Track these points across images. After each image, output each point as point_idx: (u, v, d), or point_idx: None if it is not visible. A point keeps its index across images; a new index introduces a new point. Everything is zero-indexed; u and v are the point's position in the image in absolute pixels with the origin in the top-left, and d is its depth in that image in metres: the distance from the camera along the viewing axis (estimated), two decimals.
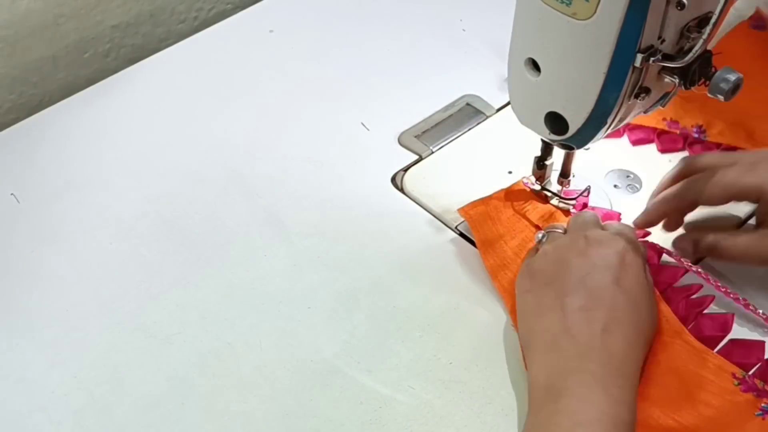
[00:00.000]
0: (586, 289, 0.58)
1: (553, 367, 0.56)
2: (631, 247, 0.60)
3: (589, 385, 0.53)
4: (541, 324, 0.59)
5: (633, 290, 0.58)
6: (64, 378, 0.63)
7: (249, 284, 0.68)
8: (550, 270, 0.60)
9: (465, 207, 0.72)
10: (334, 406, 0.61)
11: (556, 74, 0.61)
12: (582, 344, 0.56)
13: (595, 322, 0.56)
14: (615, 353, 0.55)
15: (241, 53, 0.89)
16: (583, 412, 0.52)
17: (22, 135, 0.82)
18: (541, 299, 0.59)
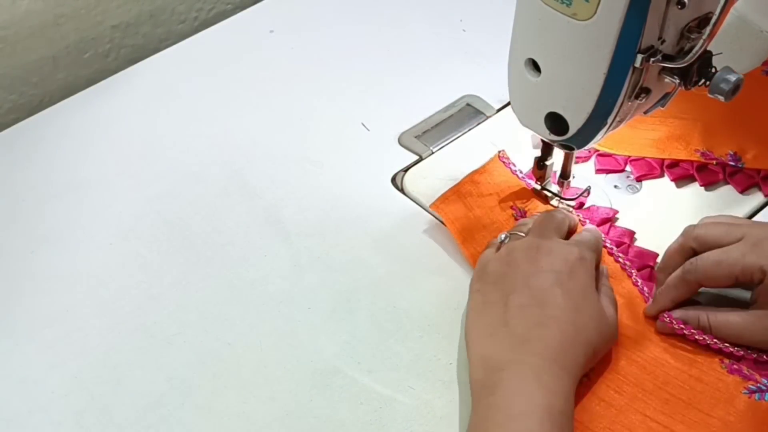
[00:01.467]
0: (529, 288, 0.60)
1: (489, 360, 0.57)
2: (581, 258, 0.62)
3: (523, 376, 0.55)
4: (483, 319, 0.60)
5: (574, 294, 0.59)
6: (64, 378, 0.63)
7: (249, 284, 0.68)
8: (500, 271, 0.62)
9: (436, 202, 0.73)
10: (334, 406, 0.61)
11: (557, 75, 0.61)
12: (517, 336, 0.57)
13: (533, 316, 0.58)
14: (550, 345, 0.56)
15: (241, 53, 0.89)
16: (516, 404, 0.53)
17: (22, 135, 0.82)
18: (486, 296, 0.61)
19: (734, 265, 0.59)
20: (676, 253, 0.64)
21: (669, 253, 0.64)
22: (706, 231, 0.62)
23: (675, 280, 0.62)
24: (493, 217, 0.72)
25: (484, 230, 0.71)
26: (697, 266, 0.61)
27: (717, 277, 0.60)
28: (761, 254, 0.59)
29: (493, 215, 0.72)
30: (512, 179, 0.74)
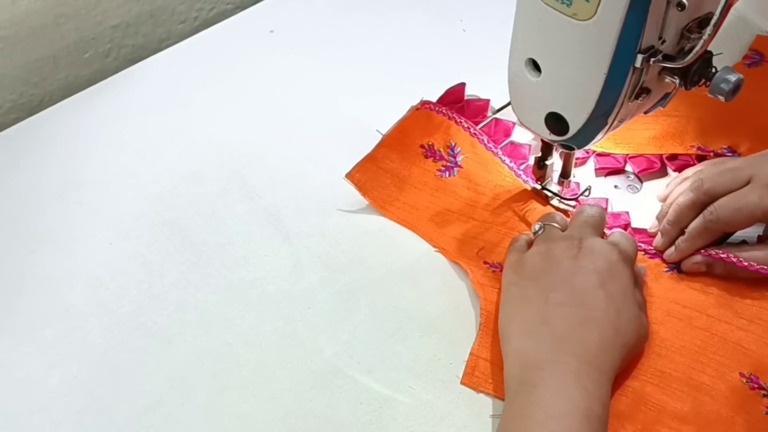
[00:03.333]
0: (571, 287, 0.59)
1: (527, 357, 0.57)
2: (622, 260, 0.62)
3: (564, 376, 0.55)
4: (521, 314, 0.60)
5: (616, 296, 0.59)
6: (64, 378, 0.63)
7: (249, 284, 0.68)
8: (539, 267, 0.62)
9: (351, 171, 0.74)
10: (334, 406, 0.61)
11: (557, 75, 0.61)
12: (558, 335, 0.57)
13: (574, 316, 0.58)
14: (590, 347, 0.56)
15: (241, 53, 0.89)
16: (556, 404, 0.53)
17: (23, 135, 0.82)
18: (525, 291, 0.61)
19: (755, 210, 0.63)
20: (688, 209, 0.66)
21: (681, 209, 0.66)
22: (716, 183, 0.65)
23: (698, 229, 0.65)
24: (411, 169, 0.74)
25: (404, 184, 0.74)
26: (719, 215, 0.64)
27: (739, 222, 0.64)
28: None
29: (411, 167, 0.75)
30: (426, 130, 0.76)
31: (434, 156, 0.75)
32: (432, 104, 0.76)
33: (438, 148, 0.75)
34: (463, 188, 0.74)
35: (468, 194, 0.73)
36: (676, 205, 0.67)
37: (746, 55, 0.84)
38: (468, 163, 0.75)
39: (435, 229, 0.71)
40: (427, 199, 0.73)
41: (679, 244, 0.66)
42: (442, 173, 0.75)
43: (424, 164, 0.75)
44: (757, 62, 0.83)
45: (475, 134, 0.75)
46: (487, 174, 0.74)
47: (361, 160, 0.74)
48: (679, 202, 0.67)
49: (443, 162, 0.75)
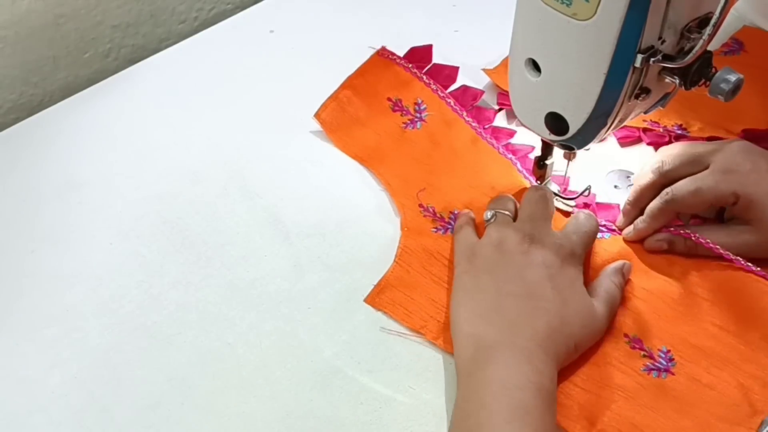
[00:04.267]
0: (522, 280, 0.62)
1: (480, 339, 0.60)
2: (571, 254, 0.64)
3: (515, 355, 0.58)
4: (473, 301, 0.62)
5: (563, 288, 0.62)
6: (64, 378, 0.63)
7: (249, 284, 0.68)
8: (492, 259, 0.64)
9: (318, 111, 0.79)
10: (334, 406, 0.61)
11: (557, 74, 0.61)
12: (509, 321, 0.60)
13: (523, 306, 0.61)
14: (539, 332, 0.59)
15: (241, 53, 0.89)
16: (510, 378, 0.56)
17: (22, 135, 0.82)
18: (477, 281, 0.63)
19: (709, 193, 0.66)
20: (647, 190, 0.69)
21: (641, 190, 0.69)
22: (675, 166, 0.68)
23: (655, 210, 0.68)
24: (377, 118, 0.79)
25: (368, 131, 0.79)
26: (675, 196, 0.67)
27: (694, 204, 0.67)
28: (732, 180, 0.65)
29: (377, 117, 0.79)
30: (394, 85, 0.81)
31: (401, 111, 0.80)
32: (392, 54, 0.82)
33: (406, 104, 0.80)
34: (423, 139, 0.78)
35: (426, 144, 0.78)
36: (636, 186, 0.70)
37: (726, 43, 0.85)
38: (432, 120, 0.79)
39: (387, 168, 0.76)
40: (389, 145, 0.78)
41: (637, 224, 0.69)
42: (407, 126, 0.79)
43: (391, 116, 0.80)
44: (734, 51, 0.84)
45: (443, 97, 0.80)
46: (449, 131, 0.78)
47: (327, 99, 0.80)
48: (639, 183, 0.70)
49: (409, 116, 0.80)
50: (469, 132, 0.78)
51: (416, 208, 0.73)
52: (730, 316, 0.64)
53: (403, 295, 0.67)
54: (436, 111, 0.80)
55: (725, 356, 0.62)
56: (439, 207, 0.73)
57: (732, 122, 0.77)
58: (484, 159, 0.76)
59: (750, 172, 0.65)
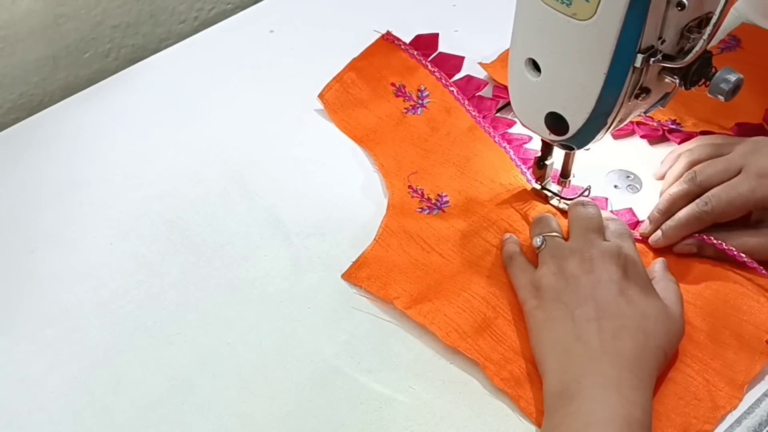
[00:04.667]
0: (595, 301, 0.60)
1: (565, 373, 0.57)
2: (632, 262, 0.62)
3: (602, 386, 0.55)
4: (552, 335, 0.60)
5: (638, 300, 0.60)
6: (64, 378, 0.63)
7: (249, 284, 0.68)
8: (558, 287, 0.62)
9: (322, 92, 0.81)
10: (334, 406, 0.61)
11: (557, 74, 0.61)
12: (593, 350, 0.57)
13: (605, 330, 0.58)
14: (626, 356, 0.57)
15: (241, 53, 0.89)
16: (595, 412, 0.54)
17: (22, 135, 0.82)
18: (550, 313, 0.61)
19: (747, 201, 0.65)
20: (681, 200, 0.68)
21: (674, 200, 0.68)
22: (708, 176, 0.67)
23: (689, 219, 0.66)
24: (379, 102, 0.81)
25: (370, 113, 0.80)
26: (713, 207, 0.65)
27: (731, 213, 0.66)
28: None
29: (379, 100, 0.81)
30: (399, 71, 0.82)
31: (404, 96, 0.81)
32: (397, 39, 0.83)
33: (409, 91, 0.81)
34: (422, 124, 0.80)
35: (424, 129, 0.79)
36: (669, 195, 0.68)
37: (723, 39, 0.85)
38: (433, 107, 0.80)
39: (383, 150, 0.77)
40: (388, 128, 0.79)
41: (666, 230, 0.68)
42: (408, 111, 0.80)
43: (393, 101, 0.81)
44: (731, 47, 0.84)
45: (446, 85, 0.81)
46: (448, 117, 0.79)
47: (331, 80, 0.81)
48: (672, 192, 0.68)
49: (411, 102, 0.81)
50: (467, 120, 0.79)
51: (405, 189, 0.74)
52: (705, 316, 0.64)
53: (379, 272, 0.68)
54: (438, 98, 0.81)
55: (695, 354, 0.62)
56: (428, 189, 0.74)
57: (725, 118, 0.77)
58: (479, 146, 0.77)
59: None
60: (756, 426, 0.59)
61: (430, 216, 0.72)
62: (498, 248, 0.69)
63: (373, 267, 0.68)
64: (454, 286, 0.66)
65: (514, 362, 0.62)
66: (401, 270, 0.68)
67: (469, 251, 0.69)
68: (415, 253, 0.69)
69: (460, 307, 0.65)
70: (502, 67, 0.82)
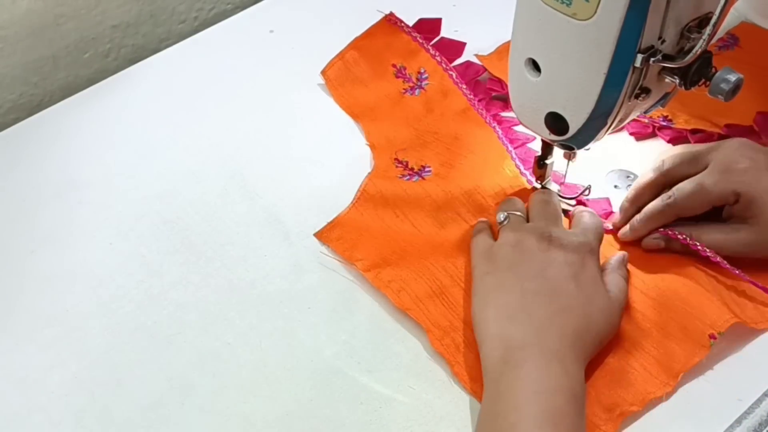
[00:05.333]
0: (546, 278, 0.61)
1: (510, 340, 0.59)
2: (590, 251, 0.64)
3: (548, 357, 0.57)
4: (498, 301, 0.61)
5: (586, 285, 0.62)
6: (64, 378, 0.63)
7: (249, 284, 0.68)
8: (513, 258, 0.63)
9: (325, 68, 0.84)
10: (334, 406, 0.61)
11: (557, 74, 0.61)
12: (538, 321, 0.59)
13: (551, 305, 0.60)
14: (568, 333, 0.59)
15: (241, 53, 0.89)
16: (543, 380, 0.56)
17: (22, 135, 0.82)
18: (501, 281, 0.62)
19: (710, 194, 0.65)
20: (647, 188, 0.69)
21: (639, 188, 0.69)
22: (674, 165, 0.68)
23: (654, 212, 0.67)
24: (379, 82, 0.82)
25: (369, 92, 0.82)
26: (676, 199, 0.66)
27: (694, 206, 0.66)
28: (731, 179, 0.64)
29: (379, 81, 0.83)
30: (401, 53, 0.84)
31: (404, 78, 0.83)
32: (400, 21, 0.85)
33: (409, 72, 0.83)
34: (419, 104, 0.81)
35: (420, 109, 0.81)
36: (636, 184, 0.70)
37: (721, 37, 0.85)
38: (431, 89, 0.82)
39: (376, 127, 0.79)
40: (385, 107, 0.81)
41: (633, 223, 0.69)
42: (406, 92, 0.82)
43: (393, 82, 0.83)
44: (729, 46, 0.84)
45: (446, 69, 0.83)
46: (444, 99, 0.81)
47: (333, 57, 0.84)
48: (639, 181, 0.69)
49: (410, 83, 0.83)
50: (463, 102, 0.81)
51: (391, 161, 0.76)
52: (657, 306, 0.65)
53: (350, 234, 0.70)
54: (437, 81, 0.82)
55: (639, 341, 0.63)
56: (413, 161, 0.76)
57: (718, 115, 0.77)
58: (470, 126, 0.79)
59: (748, 170, 0.64)
60: (756, 426, 0.59)
61: (409, 182, 0.73)
62: (470, 224, 0.70)
63: (345, 229, 0.70)
64: (418, 253, 0.68)
65: (459, 330, 0.63)
66: (372, 235, 0.69)
67: (440, 223, 0.71)
68: (389, 220, 0.70)
69: (418, 273, 0.66)
70: (498, 60, 0.83)
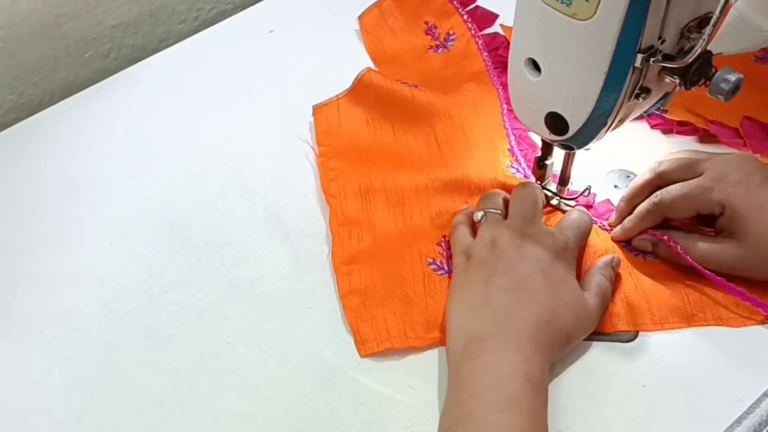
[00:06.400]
0: (513, 273, 0.62)
1: (470, 331, 0.60)
2: (564, 248, 0.64)
3: (505, 345, 0.58)
4: (463, 295, 0.63)
5: (554, 281, 0.62)
6: (64, 378, 0.63)
7: (249, 284, 0.68)
8: (485, 255, 0.64)
9: (362, 14, 0.89)
10: (334, 406, 0.61)
11: (557, 74, 0.61)
12: (499, 314, 0.60)
13: (514, 299, 0.61)
14: (530, 324, 0.60)
15: (241, 53, 0.89)
16: (500, 368, 0.57)
17: (22, 135, 0.82)
18: (470, 276, 0.64)
19: (696, 199, 0.65)
20: (641, 188, 0.69)
21: (635, 187, 0.69)
22: (669, 168, 0.68)
23: (643, 211, 0.68)
24: (407, 35, 0.87)
25: (396, 41, 0.86)
26: (662, 200, 0.66)
27: (680, 209, 0.66)
28: (720, 190, 0.64)
29: (409, 34, 0.87)
30: (435, 12, 0.87)
31: (433, 36, 0.87)
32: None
33: (439, 32, 0.87)
34: (438, 61, 0.85)
35: (438, 66, 0.84)
36: (632, 183, 0.70)
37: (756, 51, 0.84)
38: (455, 50, 0.86)
39: (391, 72, 0.82)
40: (407, 58, 0.85)
41: (625, 223, 0.69)
42: (431, 48, 0.86)
43: (422, 37, 0.87)
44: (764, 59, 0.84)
45: (474, 35, 0.85)
46: (463, 61, 0.84)
47: (371, 5, 0.89)
48: (636, 181, 0.70)
49: (437, 42, 0.86)
50: (480, 66, 0.83)
51: (397, 83, 0.79)
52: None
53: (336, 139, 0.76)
54: (462, 45, 0.86)
55: None
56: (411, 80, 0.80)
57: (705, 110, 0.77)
58: (479, 88, 0.81)
59: (738, 184, 0.64)
60: (756, 426, 0.59)
61: (403, 87, 0.78)
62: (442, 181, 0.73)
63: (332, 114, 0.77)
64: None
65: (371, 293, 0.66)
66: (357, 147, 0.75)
67: None
68: (370, 125, 0.76)
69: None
70: None
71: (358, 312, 0.65)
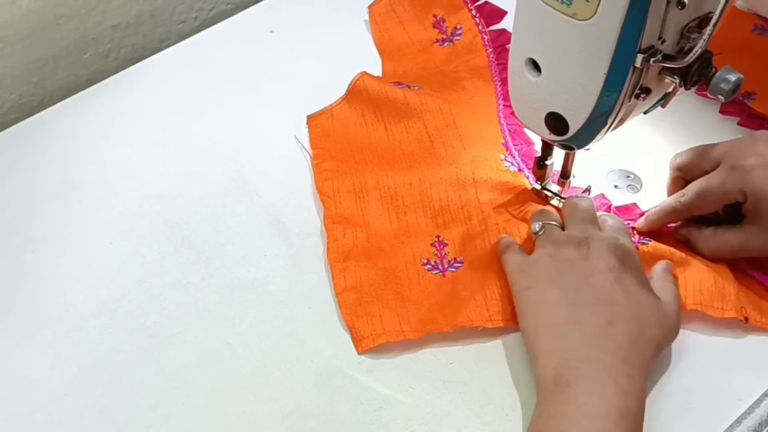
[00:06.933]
0: (590, 287, 0.59)
1: (560, 356, 0.57)
2: (629, 253, 0.62)
3: (598, 375, 0.55)
4: (546, 317, 0.59)
5: (632, 288, 0.60)
6: (64, 378, 0.63)
7: (249, 284, 0.68)
8: (553, 270, 0.61)
9: (372, 4, 0.89)
10: (334, 406, 0.61)
11: (557, 74, 0.61)
12: (588, 334, 0.57)
13: (600, 315, 0.58)
14: (621, 344, 0.56)
15: (241, 53, 0.89)
16: (591, 403, 0.53)
17: (22, 135, 0.82)
18: (544, 295, 0.60)
19: (716, 193, 0.64)
20: (670, 185, 0.71)
21: (667, 186, 0.71)
22: (684, 160, 0.68)
23: (668, 208, 0.68)
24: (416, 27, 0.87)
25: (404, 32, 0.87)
26: (688, 198, 0.66)
27: (704, 205, 0.66)
28: (738, 178, 0.63)
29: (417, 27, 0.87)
30: (444, 6, 0.88)
31: (440, 29, 0.87)
32: None
33: (447, 26, 0.87)
34: (442, 54, 0.86)
35: (442, 58, 0.85)
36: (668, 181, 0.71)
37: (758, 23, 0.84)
38: (460, 44, 0.86)
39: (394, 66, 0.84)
40: (412, 51, 0.86)
41: (649, 215, 0.69)
42: (437, 42, 0.87)
43: (429, 30, 0.88)
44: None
45: (481, 31, 0.86)
46: (467, 55, 0.85)
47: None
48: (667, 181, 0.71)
49: (444, 36, 0.87)
50: (483, 61, 0.84)
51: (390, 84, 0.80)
52: None
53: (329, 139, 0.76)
54: (468, 39, 0.86)
55: None
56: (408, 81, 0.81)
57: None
58: (477, 83, 0.82)
59: (756, 167, 0.62)
60: (756, 426, 0.59)
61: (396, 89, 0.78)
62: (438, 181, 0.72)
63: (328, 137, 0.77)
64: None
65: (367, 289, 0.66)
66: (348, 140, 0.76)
67: None
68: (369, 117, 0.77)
69: None
70: None
71: (353, 309, 0.65)
